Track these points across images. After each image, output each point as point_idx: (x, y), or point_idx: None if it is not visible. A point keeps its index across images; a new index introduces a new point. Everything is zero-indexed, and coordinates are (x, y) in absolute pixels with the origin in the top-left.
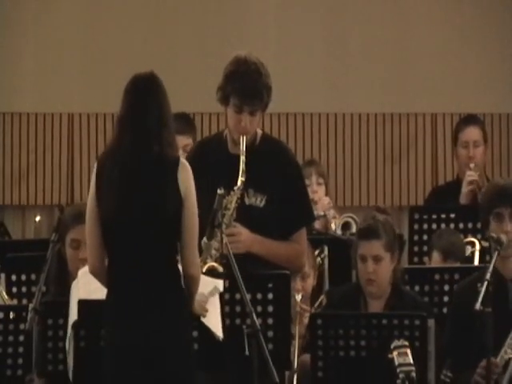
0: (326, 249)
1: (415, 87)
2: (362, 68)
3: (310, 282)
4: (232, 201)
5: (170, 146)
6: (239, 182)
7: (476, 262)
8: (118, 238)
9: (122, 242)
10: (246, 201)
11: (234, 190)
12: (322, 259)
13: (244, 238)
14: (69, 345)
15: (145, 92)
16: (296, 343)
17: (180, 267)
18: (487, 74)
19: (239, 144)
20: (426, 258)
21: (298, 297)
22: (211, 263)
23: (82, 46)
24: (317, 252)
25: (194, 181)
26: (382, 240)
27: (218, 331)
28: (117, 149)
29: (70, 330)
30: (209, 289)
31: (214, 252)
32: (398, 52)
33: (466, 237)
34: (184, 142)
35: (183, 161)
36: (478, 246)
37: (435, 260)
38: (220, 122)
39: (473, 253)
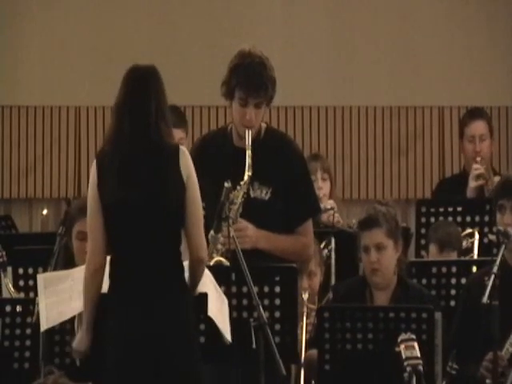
0: (332, 240)
1: (422, 80)
2: (369, 61)
3: (317, 279)
4: (238, 195)
5: (168, 136)
6: (246, 177)
7: (475, 252)
8: (120, 227)
9: (124, 231)
10: (251, 193)
11: (240, 185)
12: (330, 251)
13: (250, 234)
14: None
15: (144, 82)
16: (303, 340)
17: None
18: (494, 67)
19: (244, 138)
20: (423, 252)
21: (305, 296)
22: (218, 258)
23: (89, 38)
24: (323, 244)
25: (196, 172)
26: (382, 227)
27: (227, 335)
28: (116, 139)
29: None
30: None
31: (220, 246)
32: (405, 45)
33: (471, 228)
34: (179, 135)
35: (183, 148)
36: (477, 236)
37: (432, 253)
38: (227, 115)
39: (472, 243)
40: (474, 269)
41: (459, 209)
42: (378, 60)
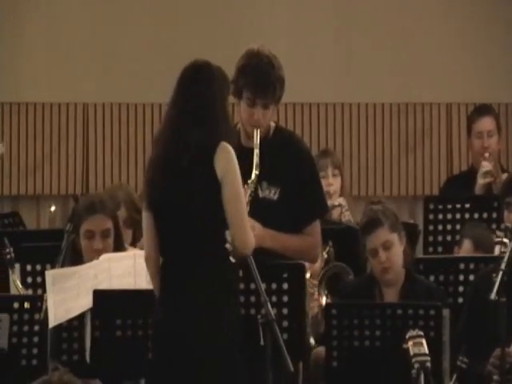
0: (330, 243)
1: (430, 77)
2: (377, 58)
3: (317, 263)
4: (246, 194)
5: (214, 133)
6: (253, 176)
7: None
8: (162, 225)
9: (165, 229)
10: (260, 193)
11: (247, 184)
12: (328, 254)
13: (257, 233)
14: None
15: (192, 80)
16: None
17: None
18: (502, 64)
19: (252, 137)
20: (455, 248)
21: (307, 275)
22: None
23: (97, 35)
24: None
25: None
26: (385, 225)
27: None
28: (161, 138)
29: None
30: None
31: (228, 245)
32: (413, 42)
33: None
34: None
35: (223, 144)
36: (509, 245)
37: (466, 248)
38: (235, 112)
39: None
40: (482, 266)
41: (467, 206)
42: (385, 57)
